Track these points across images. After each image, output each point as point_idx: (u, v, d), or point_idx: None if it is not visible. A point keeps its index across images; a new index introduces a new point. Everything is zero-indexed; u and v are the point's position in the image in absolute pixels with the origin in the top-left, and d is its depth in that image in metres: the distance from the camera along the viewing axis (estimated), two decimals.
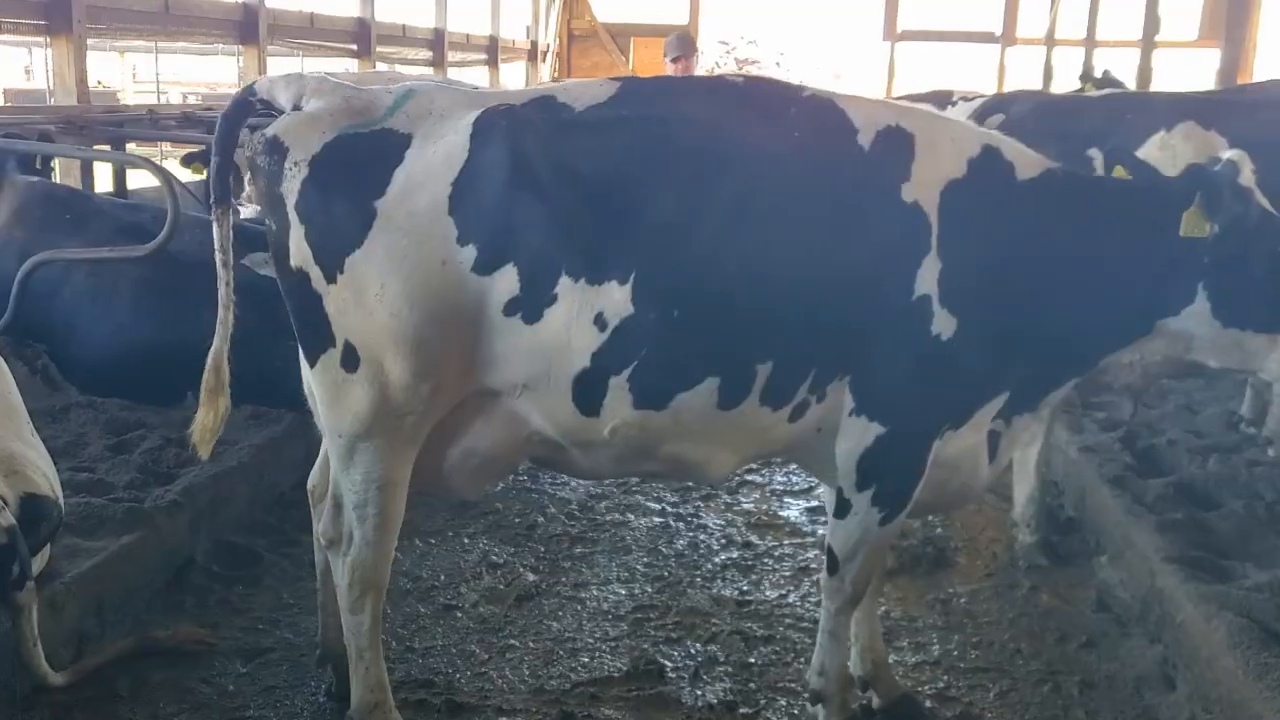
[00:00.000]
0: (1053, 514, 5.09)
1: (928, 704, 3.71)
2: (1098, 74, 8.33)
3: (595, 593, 4.45)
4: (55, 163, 6.96)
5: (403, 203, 2.89)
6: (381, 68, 11.82)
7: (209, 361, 3.13)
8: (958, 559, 4.84)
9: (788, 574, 4.66)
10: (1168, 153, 4.45)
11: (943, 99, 6.78)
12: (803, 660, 3.85)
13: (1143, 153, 4.14)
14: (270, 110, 3.10)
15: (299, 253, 2.96)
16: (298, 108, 3.02)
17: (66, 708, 3.44)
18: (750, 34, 20.97)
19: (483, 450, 3.14)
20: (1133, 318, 3.17)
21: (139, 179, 8.04)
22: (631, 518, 5.20)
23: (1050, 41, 16.00)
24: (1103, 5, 16.00)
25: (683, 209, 2.91)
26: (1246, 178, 3.07)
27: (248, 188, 3.04)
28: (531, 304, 2.89)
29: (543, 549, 4.84)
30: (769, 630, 4.17)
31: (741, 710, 3.66)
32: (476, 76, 15.88)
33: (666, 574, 4.62)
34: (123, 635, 3.83)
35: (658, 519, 5.19)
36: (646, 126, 2.96)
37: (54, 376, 5.47)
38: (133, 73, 17.72)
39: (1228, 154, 3.14)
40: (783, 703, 3.71)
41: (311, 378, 3.11)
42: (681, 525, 5.14)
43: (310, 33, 10.83)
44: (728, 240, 2.91)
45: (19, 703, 3.35)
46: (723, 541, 4.97)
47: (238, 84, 11.26)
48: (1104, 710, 3.73)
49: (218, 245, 3.08)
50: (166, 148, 10.45)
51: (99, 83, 14.06)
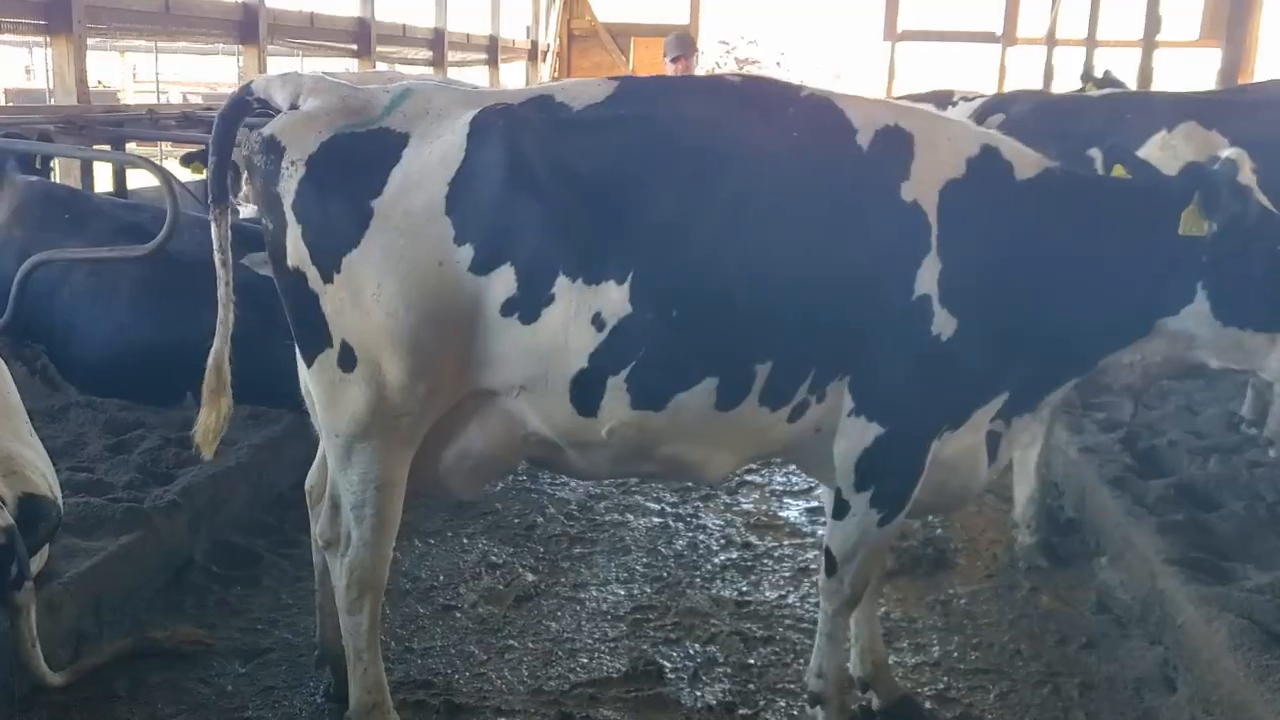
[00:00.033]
0: (1053, 515, 5.09)
1: (927, 705, 3.71)
2: (1099, 74, 8.32)
3: (594, 593, 4.44)
4: (55, 162, 6.96)
5: (399, 202, 2.88)
6: (381, 68, 11.81)
7: (210, 362, 3.12)
8: (958, 560, 4.83)
9: (787, 575, 4.65)
10: (1169, 153, 4.43)
11: (943, 99, 6.77)
12: (802, 661, 3.84)
13: (1144, 153, 4.12)
14: (268, 110, 3.09)
15: (296, 252, 2.96)
16: (294, 107, 3.02)
17: (65, 708, 3.43)
18: (750, 34, 20.93)
19: (479, 451, 3.13)
20: (1132, 317, 3.16)
21: (139, 179, 8.03)
22: (631, 518, 5.19)
23: (1051, 41, 15.98)
24: (1103, 5, 15.98)
25: (681, 209, 2.89)
26: (1245, 176, 3.05)
27: (245, 187, 3.03)
28: (529, 304, 2.88)
29: (542, 549, 4.83)
30: (768, 631, 4.16)
31: (741, 711, 3.66)
32: (476, 76, 15.87)
33: (666, 574, 4.62)
34: (121, 635, 3.83)
35: (657, 519, 5.18)
36: (644, 126, 2.94)
37: (53, 376, 5.48)
38: (133, 73, 17.71)
39: (1226, 152, 3.12)
40: (782, 704, 3.70)
41: (308, 378, 3.10)
42: (681, 526, 5.13)
43: (310, 32, 10.83)
44: (726, 240, 2.90)
45: (17, 703, 3.35)
46: (722, 542, 4.97)
47: (238, 84, 11.23)
48: (1104, 712, 3.72)
49: (216, 245, 3.07)
50: (166, 147, 10.45)
51: (99, 83, 14.07)
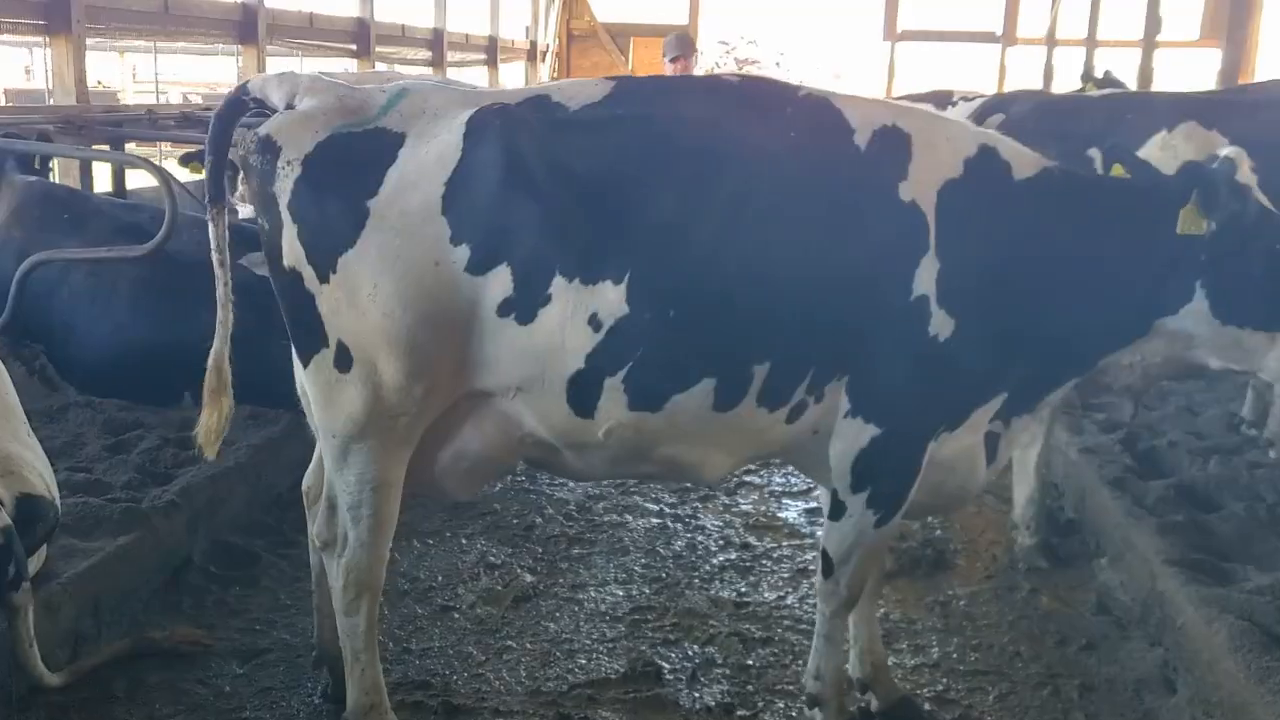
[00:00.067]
0: (1053, 516, 5.08)
1: (927, 707, 3.70)
2: (1099, 74, 8.30)
3: (593, 594, 4.44)
4: (54, 163, 6.95)
5: (396, 202, 2.87)
6: (381, 68, 11.81)
7: (210, 362, 3.12)
8: (957, 561, 4.82)
9: (786, 576, 4.64)
10: (1169, 153, 4.42)
11: (943, 99, 6.76)
12: (801, 662, 3.82)
13: (1144, 153, 4.11)
14: (264, 109, 3.08)
15: (292, 252, 2.95)
16: (291, 106, 3.01)
17: (63, 709, 3.43)
18: (750, 34, 20.90)
19: (475, 452, 3.12)
20: (1131, 317, 3.15)
21: (138, 179, 8.03)
22: (629, 519, 5.18)
23: (1051, 41, 15.96)
24: (1104, 5, 15.96)
25: (678, 208, 2.88)
26: (1244, 174, 3.04)
27: (241, 187, 3.02)
28: (525, 305, 2.87)
29: (540, 550, 4.82)
30: (767, 632, 4.15)
31: (739, 713, 3.65)
32: (476, 77, 15.86)
33: (664, 575, 4.61)
34: (119, 636, 3.83)
35: (656, 520, 5.18)
36: (641, 126, 2.93)
37: (52, 377, 5.47)
38: (133, 73, 17.71)
39: (1225, 151, 3.12)
40: (780, 705, 3.70)
41: (305, 378, 3.10)
42: (679, 526, 5.12)
43: (309, 33, 10.82)
44: (724, 240, 2.89)
45: (15, 704, 3.34)
46: (721, 543, 4.96)
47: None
48: (1104, 713, 3.71)
49: (214, 245, 3.07)
50: (165, 148, 10.44)
51: (99, 83, 14.07)
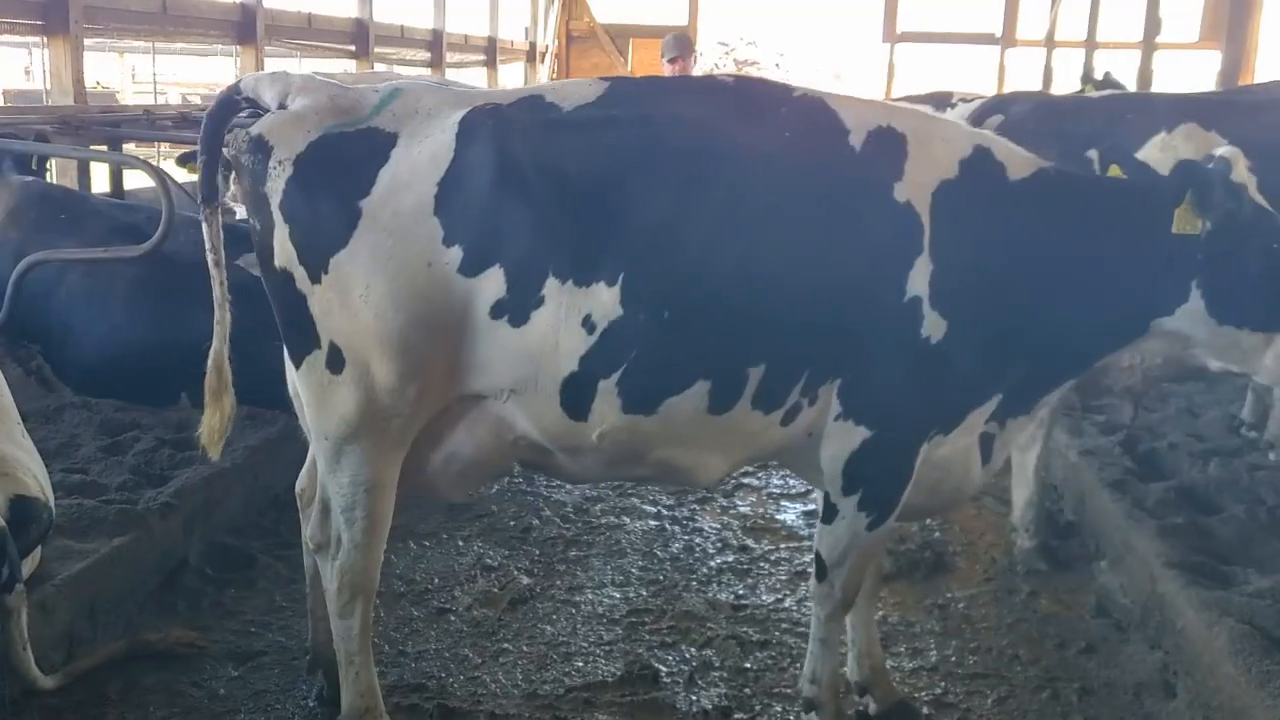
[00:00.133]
0: (1052, 518, 5.06)
1: (925, 710, 3.68)
2: (1098, 76, 8.28)
3: (590, 596, 4.42)
4: (51, 163, 6.94)
5: (388, 202, 2.85)
6: (380, 68, 11.80)
7: (210, 362, 3.10)
8: (956, 563, 4.80)
9: (784, 578, 4.63)
10: (1169, 154, 4.39)
11: (942, 100, 6.75)
12: (799, 665, 3.80)
13: (1143, 154, 4.11)
14: (257, 109, 3.06)
15: (283, 252, 2.93)
16: (283, 106, 2.99)
17: (56, 711, 3.42)
18: (750, 35, 20.94)
19: (467, 455, 3.10)
20: (1126, 318, 3.13)
21: (135, 179, 8.01)
22: (627, 521, 5.17)
23: (1050, 43, 15.95)
24: (1103, 7, 15.94)
25: (672, 210, 2.87)
26: (1239, 174, 3.03)
27: (233, 187, 3.00)
28: (518, 306, 2.86)
29: (537, 552, 4.81)
30: (765, 635, 4.14)
31: (737, 716, 3.64)
32: (475, 77, 15.85)
33: (662, 578, 4.59)
34: (114, 638, 3.81)
35: (653, 522, 5.16)
36: (635, 127, 2.92)
37: (48, 377, 5.47)
38: (132, 73, 17.68)
39: (1220, 151, 3.10)
40: (778, 708, 3.68)
41: (297, 379, 3.08)
42: (677, 529, 5.11)
43: (308, 33, 10.80)
44: (718, 241, 2.87)
45: (8, 706, 3.33)
46: (718, 545, 4.94)
47: None
48: (1103, 717, 3.69)
49: (208, 245, 3.05)
50: (163, 148, 10.42)
51: (98, 83, 14.03)
